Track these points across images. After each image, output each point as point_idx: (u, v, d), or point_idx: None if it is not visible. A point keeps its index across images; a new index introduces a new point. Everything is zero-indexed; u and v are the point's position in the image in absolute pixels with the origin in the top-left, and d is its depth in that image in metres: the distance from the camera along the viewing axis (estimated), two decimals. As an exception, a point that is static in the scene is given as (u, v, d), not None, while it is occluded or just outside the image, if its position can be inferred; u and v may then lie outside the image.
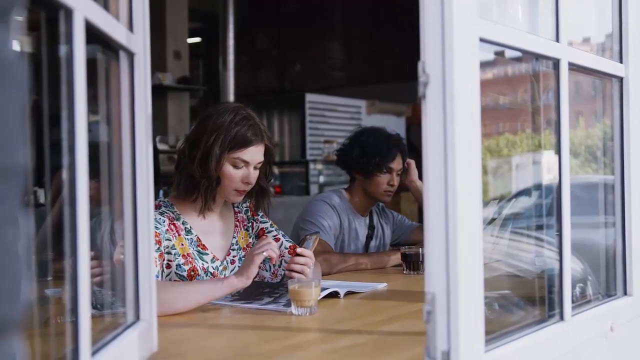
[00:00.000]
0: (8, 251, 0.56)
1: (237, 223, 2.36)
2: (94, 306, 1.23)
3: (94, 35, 1.09)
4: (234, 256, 2.31)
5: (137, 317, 1.36)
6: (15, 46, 0.61)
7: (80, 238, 0.99)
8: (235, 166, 2.17)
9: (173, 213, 2.21)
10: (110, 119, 1.34)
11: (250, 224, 2.39)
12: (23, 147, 0.58)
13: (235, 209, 2.38)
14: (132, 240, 1.35)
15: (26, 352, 0.64)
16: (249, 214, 2.40)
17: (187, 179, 2.19)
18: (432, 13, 1.16)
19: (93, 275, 1.11)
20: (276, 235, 2.37)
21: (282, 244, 2.34)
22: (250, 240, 2.37)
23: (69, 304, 1.00)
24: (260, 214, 2.41)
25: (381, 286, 2.34)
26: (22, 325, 0.59)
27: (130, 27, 1.34)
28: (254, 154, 2.19)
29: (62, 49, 0.99)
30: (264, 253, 1.97)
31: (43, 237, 1.70)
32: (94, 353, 1.06)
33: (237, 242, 2.34)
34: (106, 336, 1.21)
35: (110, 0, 1.26)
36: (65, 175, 0.99)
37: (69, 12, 0.98)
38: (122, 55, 1.32)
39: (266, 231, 2.38)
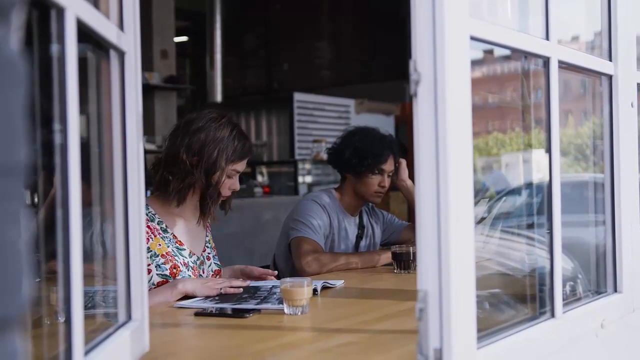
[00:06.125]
0: (10, 248, 0.56)
1: (207, 224, 2.44)
2: (85, 306, 1.22)
3: (83, 33, 1.08)
4: (208, 253, 2.40)
5: (129, 317, 1.35)
6: (16, 45, 0.60)
7: (72, 239, 0.99)
8: (230, 177, 2.27)
9: (147, 214, 2.22)
10: (100, 118, 1.33)
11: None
12: (24, 146, 0.58)
13: None
14: (123, 241, 1.35)
15: (26, 350, 0.63)
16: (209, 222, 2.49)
17: (187, 187, 2.23)
18: (423, 11, 1.16)
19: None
20: (213, 253, 2.47)
21: (210, 265, 2.41)
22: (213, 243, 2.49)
23: (62, 304, 0.99)
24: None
25: (339, 283, 2.33)
26: (23, 322, 0.59)
27: (121, 25, 1.33)
28: (245, 164, 2.32)
29: (54, 48, 0.99)
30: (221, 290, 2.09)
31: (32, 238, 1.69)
32: (86, 353, 1.06)
33: (209, 240, 2.43)
34: (98, 336, 1.20)
35: (100, -2, 1.26)
36: (56, 175, 0.99)
37: (60, 11, 0.97)
38: (113, 54, 1.31)
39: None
